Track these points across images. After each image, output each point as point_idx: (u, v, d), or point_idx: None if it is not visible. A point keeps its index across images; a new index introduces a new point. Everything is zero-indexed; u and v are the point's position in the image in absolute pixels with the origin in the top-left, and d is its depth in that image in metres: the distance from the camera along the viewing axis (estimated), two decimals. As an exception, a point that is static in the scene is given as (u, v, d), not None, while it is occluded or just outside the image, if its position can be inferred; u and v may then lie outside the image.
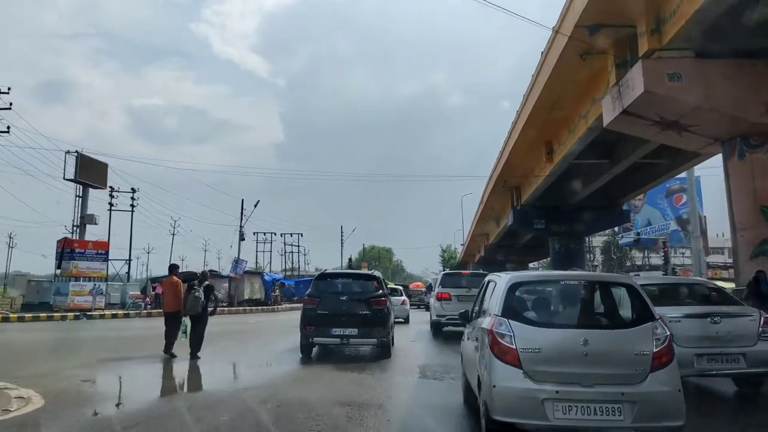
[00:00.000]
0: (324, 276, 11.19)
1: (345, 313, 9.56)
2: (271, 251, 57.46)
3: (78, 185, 24.42)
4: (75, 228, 24.27)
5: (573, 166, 18.34)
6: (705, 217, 53.27)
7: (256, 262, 59.07)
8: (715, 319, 6.25)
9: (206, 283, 9.43)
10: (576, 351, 3.93)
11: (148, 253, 58.69)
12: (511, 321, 4.16)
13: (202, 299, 9.06)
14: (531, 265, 48.92)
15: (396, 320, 12.84)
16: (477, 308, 5.41)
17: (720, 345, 6.07)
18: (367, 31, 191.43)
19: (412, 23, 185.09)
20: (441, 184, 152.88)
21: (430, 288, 26.40)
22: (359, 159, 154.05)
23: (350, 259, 49.11)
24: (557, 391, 3.87)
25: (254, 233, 54.66)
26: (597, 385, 3.87)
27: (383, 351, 9.61)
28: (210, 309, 9.25)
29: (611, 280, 5.49)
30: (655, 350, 3.99)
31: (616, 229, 50.52)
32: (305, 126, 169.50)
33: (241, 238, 29.77)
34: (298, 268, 58.83)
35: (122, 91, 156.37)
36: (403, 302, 20.10)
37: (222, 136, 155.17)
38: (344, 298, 9.90)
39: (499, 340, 4.13)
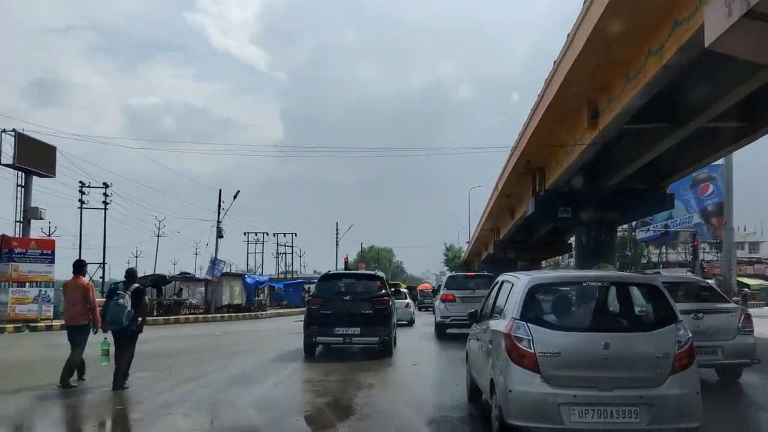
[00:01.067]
0: (328, 277, 11.97)
1: (348, 312, 10.03)
2: (263, 252, 56.28)
3: (18, 172, 21.63)
4: (18, 224, 21.97)
5: (622, 133, 15.41)
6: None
7: (247, 264, 58.26)
8: (699, 315, 6.99)
9: (135, 286, 7.35)
10: (596, 355, 4.05)
11: (136, 257, 57.52)
12: (529, 324, 4.27)
13: (129, 308, 7.07)
14: (543, 263, 44.96)
15: (399, 322, 13.69)
16: (488, 310, 5.54)
17: (701, 339, 6.33)
18: (374, 21, 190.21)
19: (420, 12, 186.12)
20: (445, 183, 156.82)
21: (435, 291, 26.75)
22: (364, 156, 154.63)
23: (346, 260, 48.42)
24: (575, 396, 4.02)
25: (245, 233, 54.09)
26: (615, 389, 4.03)
27: (385, 349, 10.26)
28: (140, 321, 7.44)
29: (634, 281, 5.66)
30: (676, 352, 4.09)
31: (634, 223, 49.24)
32: (308, 122, 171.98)
33: (219, 234, 25.64)
34: (292, 269, 54.97)
35: (117, 90, 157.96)
36: (407, 305, 20.14)
37: (222, 134, 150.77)
38: (347, 298, 10.39)
39: (517, 344, 4.23)
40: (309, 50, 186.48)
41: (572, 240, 41.40)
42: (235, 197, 28.53)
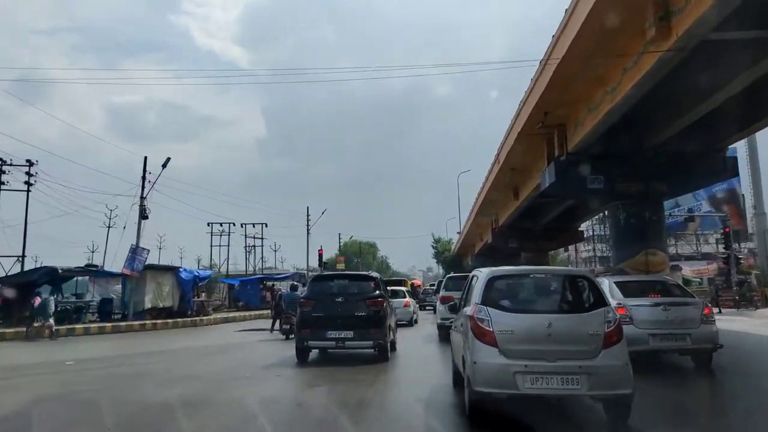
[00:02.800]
0: (320, 278, 12.37)
1: (340, 315, 10.27)
2: (228, 245, 50.35)
3: None
4: None
5: (700, 45, 10.46)
6: (743, 195, 44.89)
7: (210, 259, 53.96)
8: (666, 307, 8.75)
9: None
10: (541, 332, 5.36)
11: (93, 251, 51.58)
12: (489, 308, 5.62)
13: None
14: (559, 256, 39.90)
15: (399, 322, 14.49)
16: (463, 301, 6.97)
17: (669, 327, 8.60)
18: (353, 20, 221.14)
19: (399, 10, 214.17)
20: (431, 175, 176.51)
21: (437, 289, 26.10)
22: (346, 151, 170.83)
23: (320, 251, 43.20)
24: (526, 365, 5.28)
25: (208, 224, 48.77)
26: (559, 360, 5.31)
27: (380, 354, 10.51)
28: None
29: (572, 274, 7.30)
30: (606, 331, 5.35)
31: None
32: (290, 119, 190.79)
33: (143, 214, 18.96)
34: (262, 264, 48.97)
35: (101, 88, 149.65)
36: (406, 304, 19.46)
37: (204, 131, 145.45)
38: (340, 299, 10.53)
39: (479, 324, 5.55)
40: (290, 48, 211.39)
41: (585, 227, 35.38)
42: (164, 166, 22.83)
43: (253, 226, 51.68)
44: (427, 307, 31.15)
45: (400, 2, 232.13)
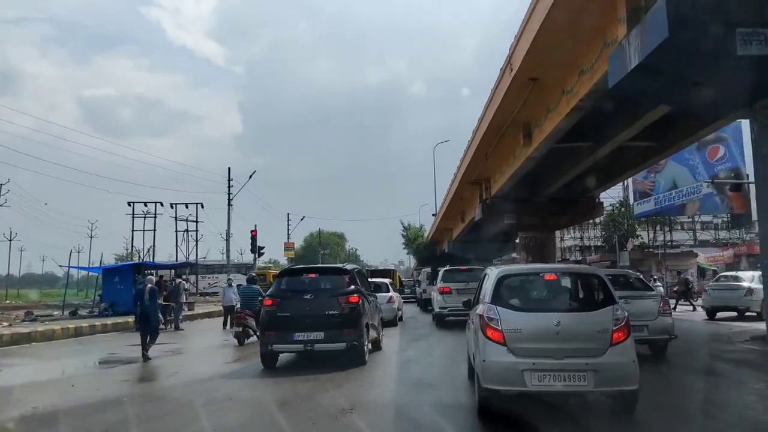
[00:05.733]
0: (286, 272, 11.39)
1: (309, 314, 9.43)
2: (154, 229, 43.23)
3: None
4: None
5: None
6: (748, 175, 38.28)
7: (132, 244, 45.77)
8: (628, 300, 8.80)
9: None
10: (550, 330, 5.52)
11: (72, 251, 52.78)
12: (498, 307, 5.81)
13: None
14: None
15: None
16: (477, 297, 7.18)
17: (630, 319, 8.56)
18: (330, 16, 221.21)
19: (376, 8, 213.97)
20: (409, 170, 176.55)
21: (418, 281, 29.51)
22: (323, 149, 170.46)
23: (254, 233, 34.95)
24: (534, 363, 5.46)
25: (129, 203, 41.99)
26: (566, 358, 5.48)
27: (355, 357, 9.63)
28: None
29: (581, 271, 7.64)
30: (614, 328, 5.52)
31: (632, 195, 42.52)
32: (266, 116, 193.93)
33: None
34: (196, 252, 42.00)
35: (73, 81, 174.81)
36: (390, 299, 18.34)
37: (179, 127, 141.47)
38: (308, 296, 9.66)
39: (489, 323, 5.73)
40: (265, 44, 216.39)
41: (604, 197, 30.35)
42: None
43: (186, 207, 42.18)
44: (407, 299, 31.38)
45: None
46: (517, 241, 31.59)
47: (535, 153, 17.74)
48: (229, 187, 36.59)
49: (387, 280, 20.47)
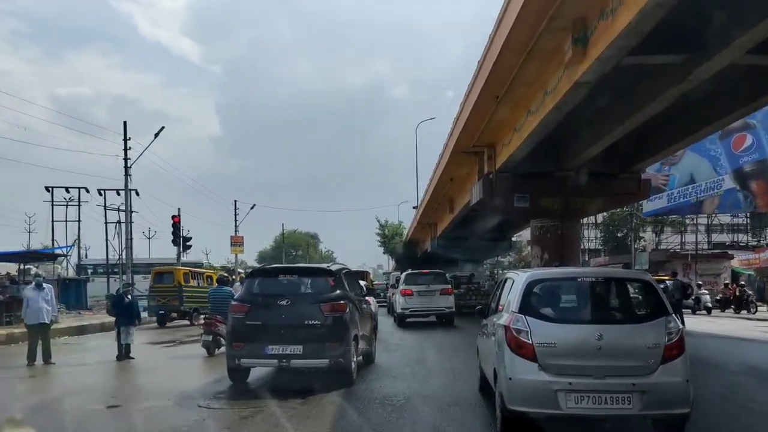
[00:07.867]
0: (258, 272, 9.69)
1: (285, 323, 8.06)
2: (79, 220, 37.02)
3: None
4: None
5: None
6: None
7: (53, 239, 37.53)
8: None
9: None
10: (590, 345, 4.82)
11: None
12: (528, 317, 5.07)
13: None
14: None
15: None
16: (493, 305, 6.53)
17: None
18: (309, 16, 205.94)
19: (357, 8, 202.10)
20: (389, 175, 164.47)
21: (393, 285, 25.93)
22: (303, 152, 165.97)
23: (176, 219, 27.77)
24: (570, 383, 4.78)
25: (47, 188, 36.02)
26: (609, 377, 4.80)
27: (342, 375, 8.30)
28: None
29: (627, 276, 6.80)
30: (666, 343, 4.82)
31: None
32: (245, 118, 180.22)
33: None
34: (130, 249, 30.44)
35: (45, 79, 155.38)
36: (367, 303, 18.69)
37: (155, 128, 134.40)
38: (284, 302, 8.23)
39: (516, 335, 5.01)
40: (244, 43, 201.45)
41: (650, 175, 24.60)
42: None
43: (118, 194, 32.66)
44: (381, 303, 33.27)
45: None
46: (513, 239, 27.29)
47: (588, 74, 9.96)
48: (125, 150, 26.25)
49: (363, 282, 17.33)
